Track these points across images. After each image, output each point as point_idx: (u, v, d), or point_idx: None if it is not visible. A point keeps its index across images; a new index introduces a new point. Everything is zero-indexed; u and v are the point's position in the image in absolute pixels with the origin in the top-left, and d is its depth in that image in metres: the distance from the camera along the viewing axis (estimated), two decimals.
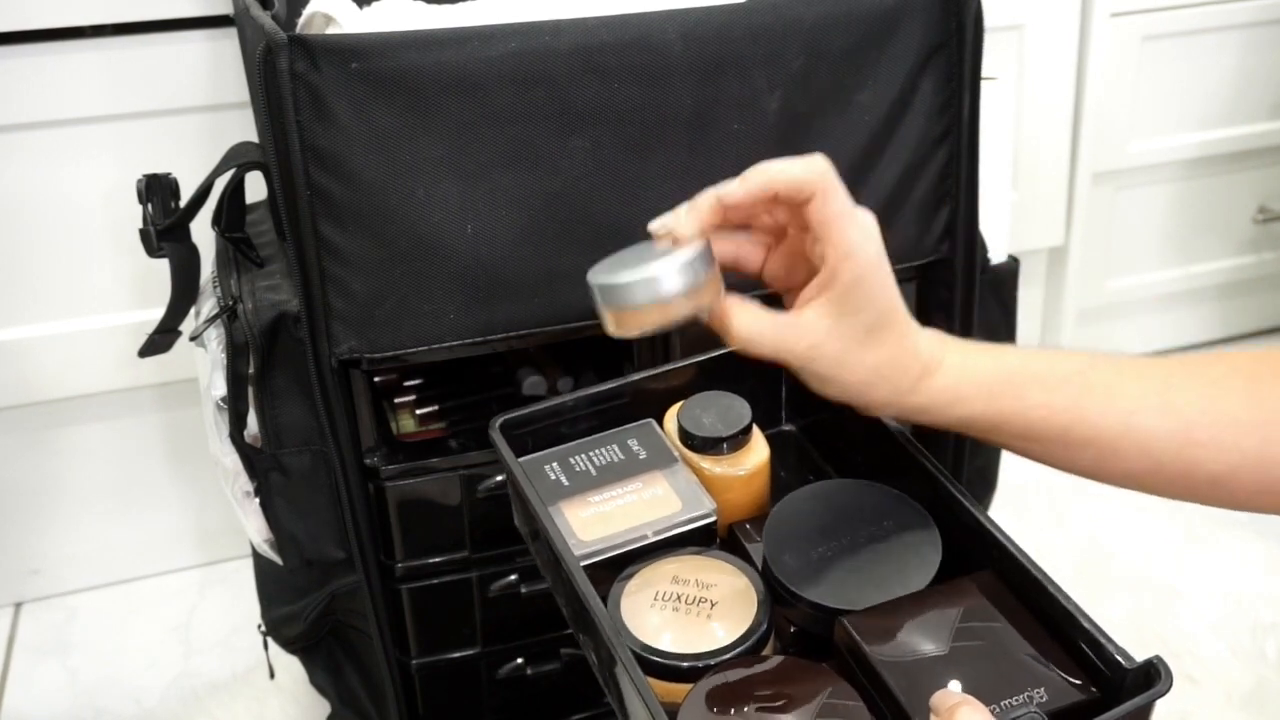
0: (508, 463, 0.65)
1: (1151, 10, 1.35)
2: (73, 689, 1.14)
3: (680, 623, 0.59)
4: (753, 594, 0.60)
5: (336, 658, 0.92)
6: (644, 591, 0.60)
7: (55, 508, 1.22)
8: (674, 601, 0.60)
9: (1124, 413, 0.57)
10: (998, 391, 0.59)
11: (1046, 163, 1.39)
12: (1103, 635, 0.52)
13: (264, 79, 0.67)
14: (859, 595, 0.57)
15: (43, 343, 1.13)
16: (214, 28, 1.06)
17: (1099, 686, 0.52)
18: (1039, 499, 1.32)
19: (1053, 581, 0.55)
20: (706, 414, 0.67)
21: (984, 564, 0.59)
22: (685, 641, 0.57)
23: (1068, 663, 0.53)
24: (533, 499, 0.63)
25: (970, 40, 0.79)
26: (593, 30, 0.70)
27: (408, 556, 0.81)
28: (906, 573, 0.59)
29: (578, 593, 0.57)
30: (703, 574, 0.61)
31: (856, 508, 0.63)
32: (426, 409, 0.84)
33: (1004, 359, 0.60)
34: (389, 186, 0.69)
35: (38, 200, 1.08)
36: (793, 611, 0.59)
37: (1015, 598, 0.57)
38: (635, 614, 0.59)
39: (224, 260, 0.84)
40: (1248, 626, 1.12)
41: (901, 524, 0.62)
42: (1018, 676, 0.52)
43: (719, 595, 0.60)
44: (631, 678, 0.52)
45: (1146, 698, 0.48)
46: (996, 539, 0.58)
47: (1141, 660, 0.50)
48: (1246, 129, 1.47)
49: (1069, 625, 0.53)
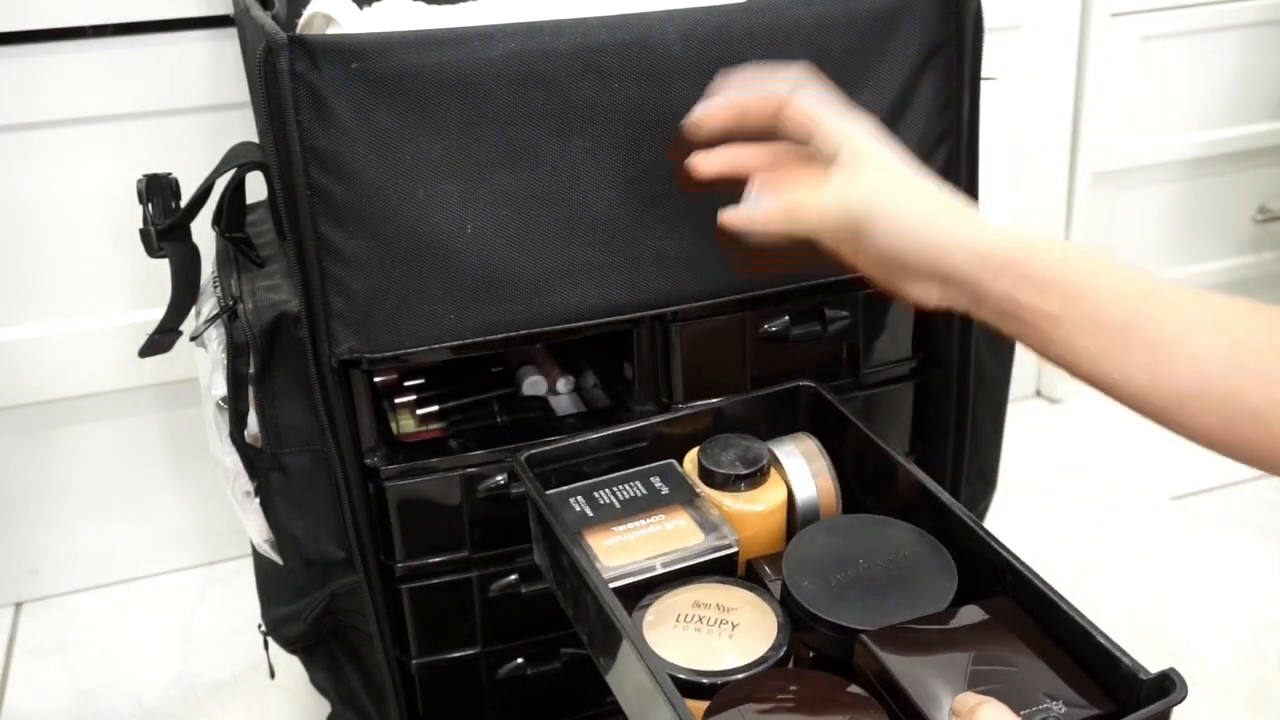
0: (532, 494, 0.67)
1: (1151, 10, 1.35)
2: (73, 689, 1.14)
3: (703, 642, 0.60)
4: (773, 617, 0.61)
5: (336, 658, 0.92)
6: (667, 615, 0.62)
7: (55, 508, 1.22)
8: (696, 623, 0.61)
9: (1184, 324, 0.56)
10: (1071, 258, 0.58)
11: (1046, 163, 1.39)
12: (1118, 649, 0.52)
13: (264, 79, 0.67)
14: (878, 617, 0.58)
15: (43, 343, 1.13)
16: (214, 28, 1.06)
17: (1116, 701, 0.52)
18: (1039, 499, 1.32)
19: (1067, 601, 0.56)
20: (726, 453, 0.70)
21: (997, 590, 0.60)
22: (708, 660, 0.58)
23: (1085, 679, 0.53)
24: (556, 527, 0.65)
25: (970, 40, 0.79)
26: (593, 30, 0.70)
27: (408, 556, 0.81)
28: (923, 597, 0.60)
29: (605, 612, 0.58)
30: (724, 599, 0.63)
31: (872, 540, 0.65)
32: (426, 409, 0.84)
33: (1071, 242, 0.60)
34: (389, 186, 0.69)
35: (38, 200, 1.08)
36: (812, 636, 0.60)
37: (1032, 620, 0.57)
38: (659, 635, 0.60)
39: (224, 260, 0.84)
40: (1248, 626, 1.12)
41: (917, 553, 0.63)
42: (1037, 692, 0.52)
43: (740, 619, 0.61)
44: (667, 696, 0.53)
45: (1162, 705, 0.49)
46: (1010, 563, 0.59)
47: (1156, 672, 0.51)
48: (1246, 129, 1.47)
49: (1085, 643, 0.54)
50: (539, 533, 0.70)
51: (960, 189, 0.82)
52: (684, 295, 0.77)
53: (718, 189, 0.69)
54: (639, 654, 0.55)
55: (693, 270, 0.76)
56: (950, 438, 0.89)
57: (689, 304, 0.77)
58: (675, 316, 0.78)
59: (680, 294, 0.76)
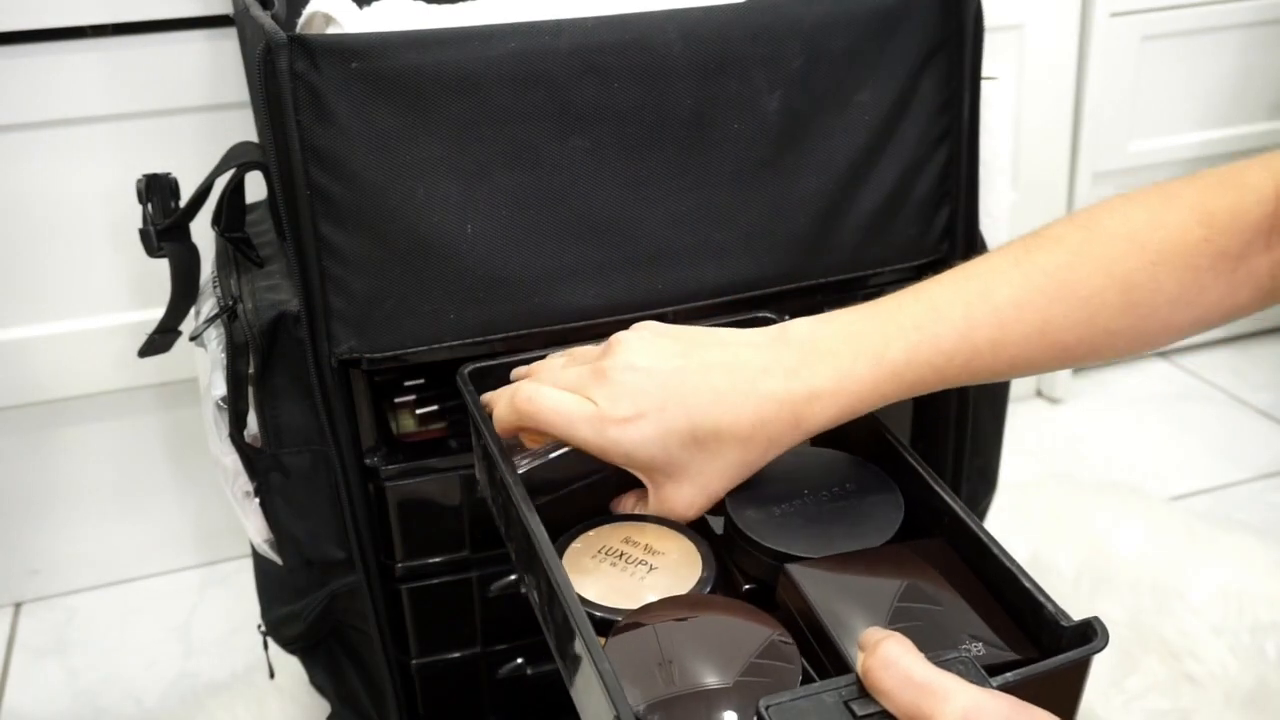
0: (471, 407, 0.66)
1: (1151, 10, 1.35)
2: (73, 689, 1.14)
3: (614, 580, 0.59)
4: (698, 568, 0.59)
5: (336, 658, 0.92)
6: (592, 545, 0.61)
7: (55, 508, 1.22)
8: (614, 558, 0.60)
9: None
10: (941, 312, 0.60)
11: (1046, 163, 1.39)
12: (1043, 595, 0.52)
13: (264, 79, 0.67)
14: (812, 547, 0.58)
15: (43, 343, 1.13)
16: (214, 28, 1.06)
17: (1039, 647, 0.52)
18: (1039, 499, 1.32)
19: (998, 544, 0.55)
20: None
21: (935, 529, 0.59)
22: (617, 598, 0.57)
23: (1009, 624, 0.53)
24: (491, 443, 0.63)
25: (970, 40, 0.79)
26: (593, 30, 0.70)
27: (408, 556, 0.81)
28: (865, 530, 0.59)
29: (531, 541, 0.57)
30: (655, 541, 0.61)
31: (821, 472, 0.64)
32: (426, 409, 0.84)
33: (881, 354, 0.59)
34: (389, 186, 0.69)
35: (38, 200, 1.08)
36: (749, 561, 0.59)
37: (964, 563, 0.57)
38: (575, 562, 0.59)
39: (224, 260, 0.84)
40: (1248, 626, 1.12)
41: (864, 487, 0.62)
42: (957, 633, 0.52)
43: (662, 563, 0.60)
44: (575, 622, 0.52)
45: (1081, 653, 0.48)
46: (947, 504, 0.58)
47: (1079, 620, 0.50)
48: (1246, 129, 1.47)
49: (1012, 588, 0.54)
50: (477, 448, 0.68)
51: (960, 189, 0.82)
52: (683, 295, 0.76)
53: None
54: (554, 579, 0.54)
55: (692, 270, 0.76)
56: (951, 436, 0.89)
57: (688, 304, 0.77)
58: (675, 316, 0.78)
59: (679, 294, 0.76)
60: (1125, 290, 0.59)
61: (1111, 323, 0.59)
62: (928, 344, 0.59)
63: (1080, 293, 0.59)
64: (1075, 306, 0.59)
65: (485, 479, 0.69)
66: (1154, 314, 0.60)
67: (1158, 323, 0.60)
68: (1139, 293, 0.59)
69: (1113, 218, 0.61)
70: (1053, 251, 0.60)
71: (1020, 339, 0.59)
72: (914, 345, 0.59)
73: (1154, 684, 1.07)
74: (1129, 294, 0.59)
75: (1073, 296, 0.59)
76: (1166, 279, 0.59)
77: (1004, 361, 0.60)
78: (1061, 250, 0.60)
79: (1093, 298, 0.59)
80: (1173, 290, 0.59)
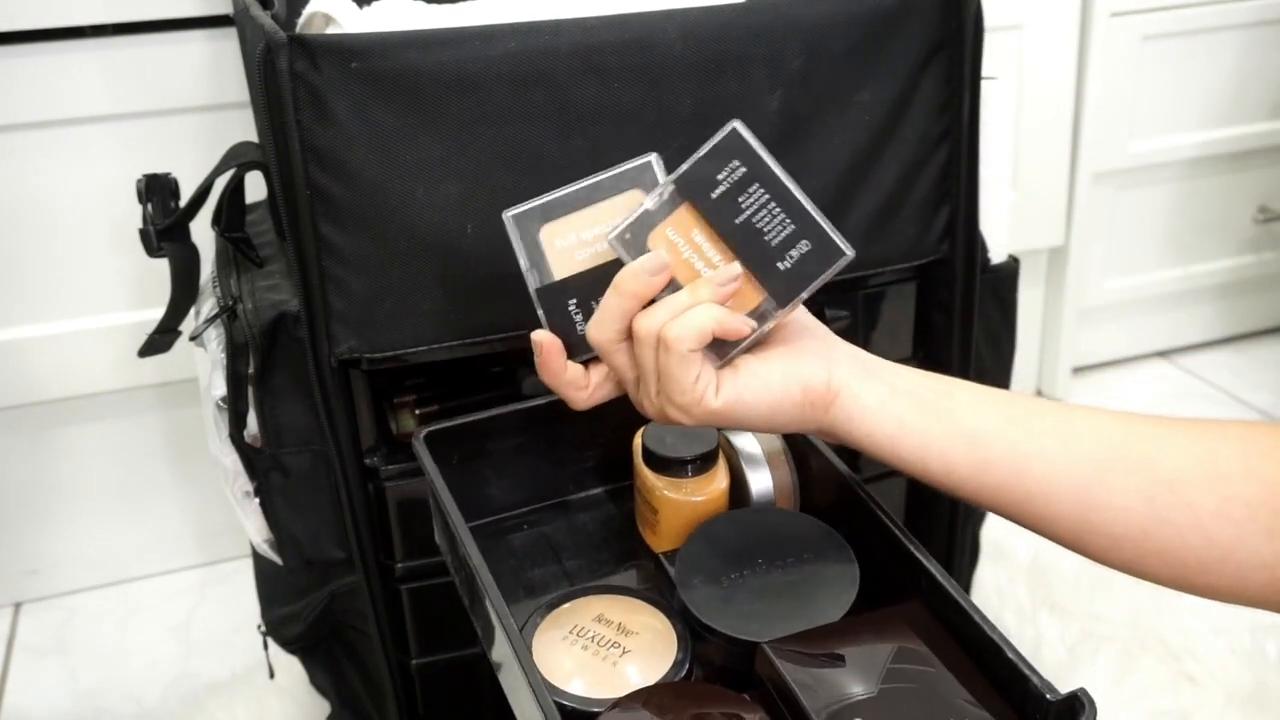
0: (429, 473, 0.64)
1: (1151, 10, 1.35)
2: (73, 689, 1.14)
3: (587, 664, 0.57)
4: (673, 646, 0.58)
5: (336, 658, 0.92)
6: (563, 623, 0.59)
7: (55, 508, 1.22)
8: (586, 640, 0.58)
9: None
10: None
11: (1046, 163, 1.39)
12: (1028, 667, 0.50)
13: (264, 79, 0.67)
14: (767, 628, 0.55)
15: (43, 343, 1.13)
16: (214, 28, 1.06)
17: (1024, 718, 0.51)
18: None
19: (979, 611, 0.54)
20: (670, 434, 0.66)
21: (912, 592, 0.57)
22: (594, 688, 0.55)
23: (995, 698, 0.51)
24: (452, 514, 0.61)
25: (970, 40, 0.79)
26: (593, 30, 0.70)
27: (408, 556, 0.81)
28: (817, 607, 0.57)
29: (494, 625, 0.55)
30: (627, 619, 0.60)
31: (774, 536, 0.62)
32: (426, 409, 0.84)
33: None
34: (389, 186, 0.69)
35: (38, 200, 1.08)
36: (705, 647, 0.58)
37: (944, 629, 0.55)
38: (544, 642, 0.58)
39: (224, 260, 0.84)
40: (1248, 626, 1.12)
41: (819, 555, 0.60)
42: (951, 699, 0.51)
43: (634, 645, 0.58)
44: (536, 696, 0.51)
45: None
46: (926, 568, 0.56)
47: (1065, 693, 0.49)
48: (1246, 129, 1.47)
49: (996, 658, 0.52)
50: (437, 516, 0.66)
51: (960, 189, 0.82)
52: None
53: None
54: (525, 674, 0.52)
55: None
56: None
57: None
58: None
59: None
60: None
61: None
62: (964, 464, 0.56)
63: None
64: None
65: (446, 547, 0.66)
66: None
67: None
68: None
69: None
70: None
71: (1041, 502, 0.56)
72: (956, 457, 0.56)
73: (1154, 684, 1.07)
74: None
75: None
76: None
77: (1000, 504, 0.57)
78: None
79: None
80: None
